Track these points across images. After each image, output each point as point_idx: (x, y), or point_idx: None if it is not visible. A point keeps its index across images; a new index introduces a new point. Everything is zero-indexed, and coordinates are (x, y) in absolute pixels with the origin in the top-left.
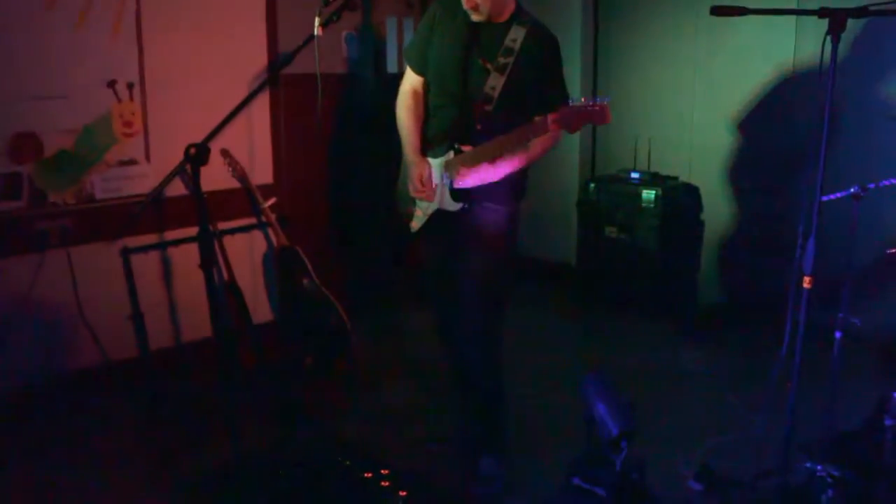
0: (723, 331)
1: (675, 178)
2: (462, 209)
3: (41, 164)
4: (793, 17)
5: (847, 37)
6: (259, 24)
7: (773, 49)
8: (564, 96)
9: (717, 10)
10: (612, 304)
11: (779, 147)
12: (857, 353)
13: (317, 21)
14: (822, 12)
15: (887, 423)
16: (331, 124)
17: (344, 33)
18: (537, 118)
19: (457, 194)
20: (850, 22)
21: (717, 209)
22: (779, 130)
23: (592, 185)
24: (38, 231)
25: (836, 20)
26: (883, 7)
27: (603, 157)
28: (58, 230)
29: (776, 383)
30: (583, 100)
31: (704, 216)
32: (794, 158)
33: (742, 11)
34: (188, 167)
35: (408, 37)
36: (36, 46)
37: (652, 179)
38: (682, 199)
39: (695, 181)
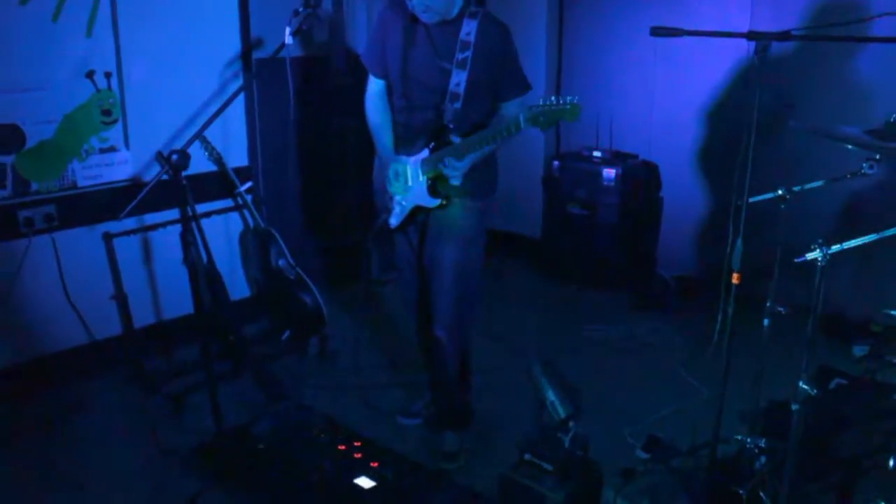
0: (679, 303)
1: (636, 157)
2: (439, 204)
3: (24, 154)
4: (748, 1)
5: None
6: (231, 9)
7: (731, 30)
8: (524, 82)
9: (656, 31)
10: (574, 276)
11: (733, 127)
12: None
13: (287, 30)
14: (749, 35)
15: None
16: (302, 106)
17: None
18: (509, 117)
19: (434, 191)
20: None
21: (675, 186)
22: (733, 111)
23: (557, 162)
24: (23, 218)
25: (761, 43)
26: (803, 33)
27: (567, 134)
28: (42, 217)
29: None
30: (552, 98)
31: (663, 193)
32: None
33: (678, 33)
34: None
35: (375, 16)
36: (14, 40)
37: (612, 158)
38: (641, 176)
39: (654, 159)
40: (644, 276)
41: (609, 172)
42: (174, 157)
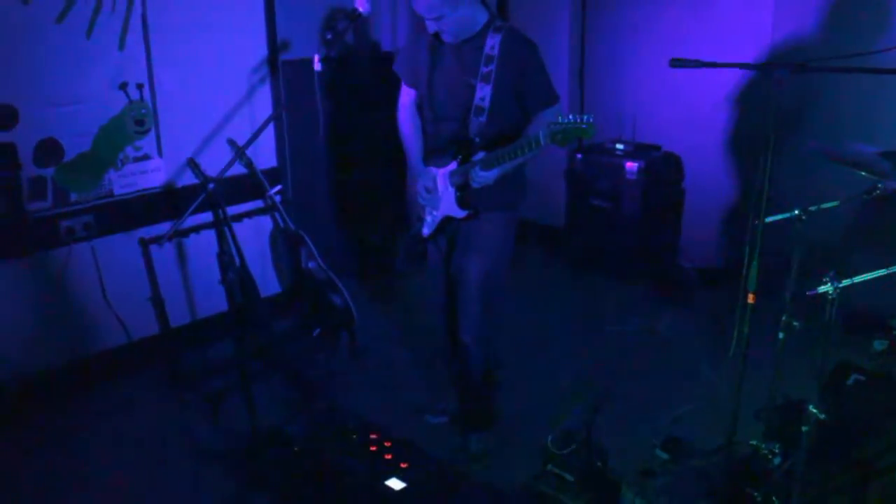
0: (701, 294)
1: (658, 148)
2: (468, 215)
3: (63, 166)
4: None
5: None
6: (258, 14)
7: (754, 28)
8: (552, 94)
9: (675, 63)
10: (597, 267)
11: (756, 119)
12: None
13: (316, 57)
14: (766, 66)
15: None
16: (329, 106)
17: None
18: (531, 134)
19: (463, 202)
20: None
21: (698, 177)
22: (757, 102)
23: (580, 155)
24: (64, 228)
25: (778, 74)
26: (818, 65)
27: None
28: (82, 226)
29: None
30: (571, 116)
31: (685, 184)
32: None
33: (698, 64)
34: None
35: (401, 16)
36: (51, 57)
37: (635, 151)
38: (663, 169)
39: (677, 150)
40: (666, 267)
41: (632, 166)
42: (210, 185)
